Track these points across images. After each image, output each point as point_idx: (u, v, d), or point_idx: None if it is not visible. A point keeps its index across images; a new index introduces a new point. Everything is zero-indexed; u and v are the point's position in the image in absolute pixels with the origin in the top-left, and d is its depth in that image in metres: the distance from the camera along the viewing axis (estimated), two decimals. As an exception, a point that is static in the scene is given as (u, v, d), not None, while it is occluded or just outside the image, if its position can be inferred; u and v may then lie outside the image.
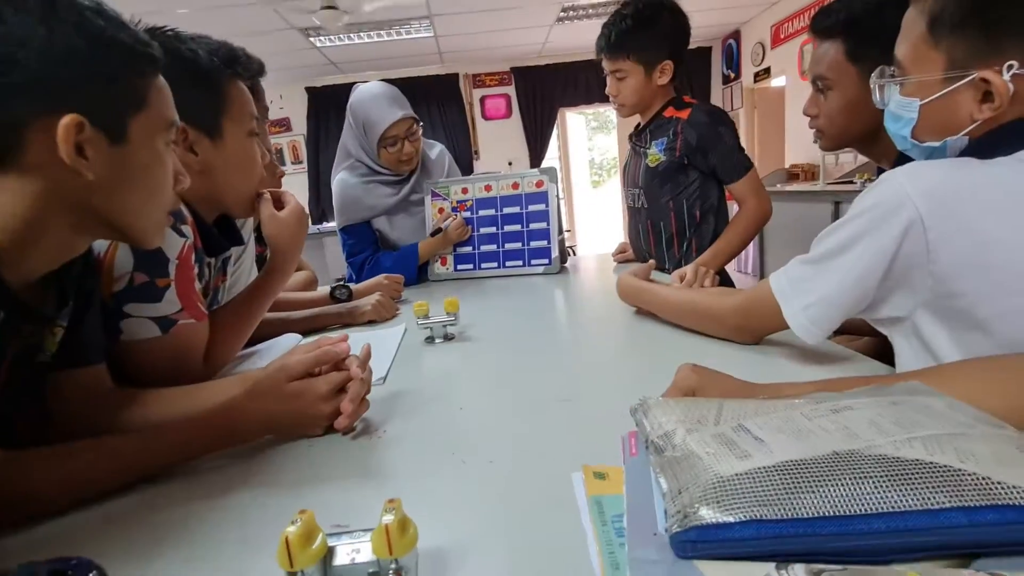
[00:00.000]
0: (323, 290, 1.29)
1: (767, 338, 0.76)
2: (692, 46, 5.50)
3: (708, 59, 5.86)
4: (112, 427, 0.60)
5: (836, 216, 3.27)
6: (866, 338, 0.96)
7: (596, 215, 7.40)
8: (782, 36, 4.70)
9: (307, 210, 0.99)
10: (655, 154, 1.40)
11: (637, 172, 1.48)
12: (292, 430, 0.60)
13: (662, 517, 0.33)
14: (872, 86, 0.64)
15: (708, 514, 0.30)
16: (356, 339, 0.67)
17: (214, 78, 0.76)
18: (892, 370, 0.63)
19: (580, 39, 4.98)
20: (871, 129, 0.82)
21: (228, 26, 3.73)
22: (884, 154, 0.88)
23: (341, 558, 0.34)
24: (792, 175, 4.52)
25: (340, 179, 1.53)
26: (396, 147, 1.44)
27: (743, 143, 1.40)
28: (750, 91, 5.32)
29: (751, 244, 4.34)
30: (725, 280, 1.42)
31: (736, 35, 5.43)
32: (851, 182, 3.49)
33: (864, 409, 0.37)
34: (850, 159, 3.82)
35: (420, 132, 1.50)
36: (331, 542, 0.34)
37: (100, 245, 0.67)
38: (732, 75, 5.59)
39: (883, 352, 0.70)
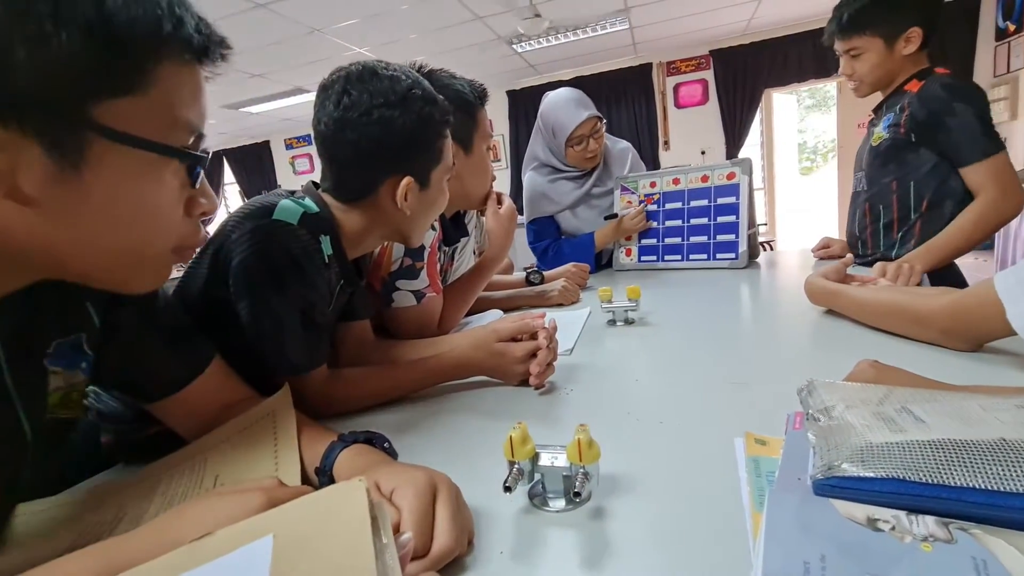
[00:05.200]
0: (520, 274, 1.49)
1: (989, 345, 0.68)
2: (951, -2, 4.31)
3: (974, 11, 4.70)
4: (375, 364, 0.85)
5: None
6: None
7: (804, 206, 6.57)
8: (1097, -32, 3.55)
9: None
10: (879, 132, 1.25)
11: (863, 153, 1.34)
12: (496, 376, 0.78)
13: (810, 470, 0.39)
14: None
15: (850, 468, 0.35)
16: (549, 317, 0.81)
17: (473, 106, 1.01)
18: None
19: (792, 10, 4.47)
20: None
21: (447, 44, 4.30)
22: None
23: (545, 460, 0.47)
24: (1101, 152, 3.42)
25: (528, 178, 1.73)
26: (582, 146, 1.58)
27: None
28: (1038, 45, 4.14)
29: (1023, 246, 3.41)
30: (954, 278, 1.22)
31: (1021, -25, 4.26)
32: None
33: (1059, 409, 0.37)
34: None
35: (603, 129, 1.60)
36: (537, 450, 0.48)
37: None
38: (1012, 27, 4.41)
39: None
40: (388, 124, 0.69)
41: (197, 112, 0.43)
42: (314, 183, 0.78)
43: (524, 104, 5.95)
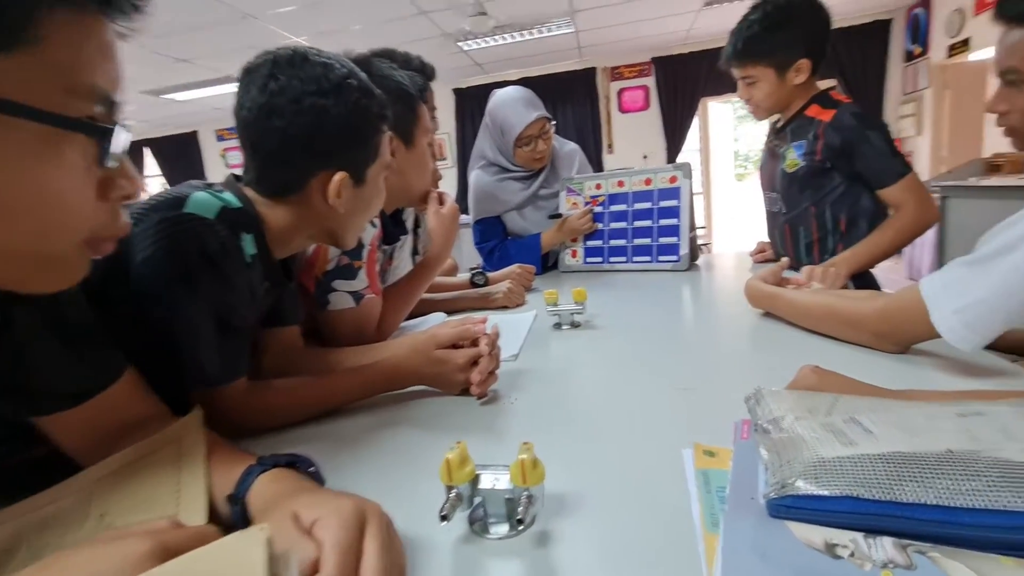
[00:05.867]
0: (463, 276, 1.45)
1: (917, 347, 0.71)
2: (867, 20, 4.87)
3: (886, 34, 5.11)
4: (304, 374, 0.78)
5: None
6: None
7: (739, 210, 6.90)
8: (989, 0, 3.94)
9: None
10: (793, 159, 1.31)
11: (774, 175, 1.40)
12: (435, 385, 0.73)
13: (762, 488, 0.37)
14: None
15: (804, 486, 0.33)
16: (492, 321, 0.77)
17: (414, 99, 0.95)
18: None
19: (729, 22, 4.66)
20: None
21: (391, 38, 4.17)
22: None
23: (485, 483, 0.43)
24: (993, 167, 3.79)
25: (475, 176, 1.68)
26: (530, 146, 1.56)
27: (928, 129, 1.25)
28: (940, 68, 4.54)
29: (928, 251, 3.74)
30: (869, 283, 1.29)
31: (926, 2, 4.66)
32: (1077, 175, 2.84)
33: (998, 417, 0.37)
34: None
35: (552, 130, 1.59)
36: (478, 471, 0.44)
37: None
38: (918, 50, 4.82)
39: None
40: (320, 114, 0.63)
41: (105, 74, 0.35)
42: (236, 176, 0.71)
43: (471, 103, 5.90)
